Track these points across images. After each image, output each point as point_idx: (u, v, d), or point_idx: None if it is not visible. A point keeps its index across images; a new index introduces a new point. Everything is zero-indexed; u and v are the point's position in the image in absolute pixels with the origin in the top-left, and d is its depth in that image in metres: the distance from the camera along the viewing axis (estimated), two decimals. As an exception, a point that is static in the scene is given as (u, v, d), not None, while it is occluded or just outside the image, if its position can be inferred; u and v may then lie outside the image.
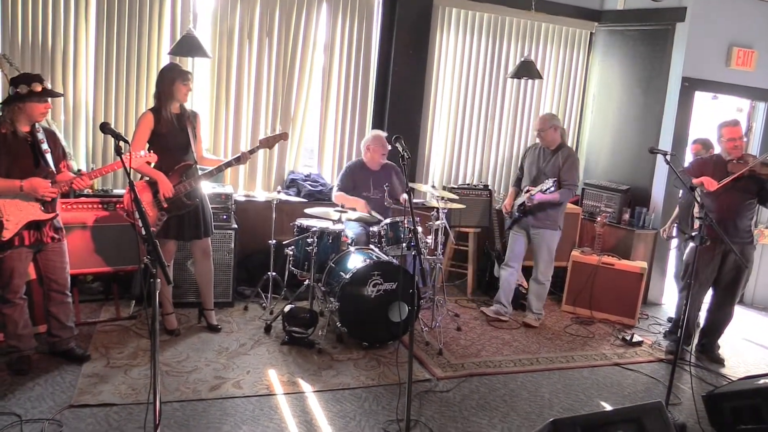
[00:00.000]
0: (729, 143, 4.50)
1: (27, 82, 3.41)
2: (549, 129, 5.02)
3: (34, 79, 3.43)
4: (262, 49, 5.53)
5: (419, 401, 3.76)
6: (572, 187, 5.02)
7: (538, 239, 5.13)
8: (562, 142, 5.10)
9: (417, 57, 6.00)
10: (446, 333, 4.87)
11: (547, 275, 5.21)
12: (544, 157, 5.11)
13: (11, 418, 3.16)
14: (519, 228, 5.25)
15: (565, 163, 4.99)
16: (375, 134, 5.27)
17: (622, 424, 2.63)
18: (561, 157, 5.01)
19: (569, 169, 4.98)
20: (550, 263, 5.19)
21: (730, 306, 4.76)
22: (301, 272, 4.70)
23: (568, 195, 5.04)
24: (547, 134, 5.04)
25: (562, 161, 4.99)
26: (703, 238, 3.64)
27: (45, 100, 3.51)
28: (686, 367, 4.56)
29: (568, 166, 4.98)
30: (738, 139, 4.48)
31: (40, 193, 3.46)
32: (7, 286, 3.57)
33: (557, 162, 5.01)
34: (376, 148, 5.17)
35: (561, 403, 3.93)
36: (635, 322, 5.45)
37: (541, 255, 5.15)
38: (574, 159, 5.05)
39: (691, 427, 3.69)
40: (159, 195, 4.07)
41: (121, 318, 4.58)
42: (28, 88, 3.39)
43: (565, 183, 4.97)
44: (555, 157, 5.04)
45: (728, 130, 4.53)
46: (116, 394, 3.51)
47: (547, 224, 5.08)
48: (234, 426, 3.30)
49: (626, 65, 6.38)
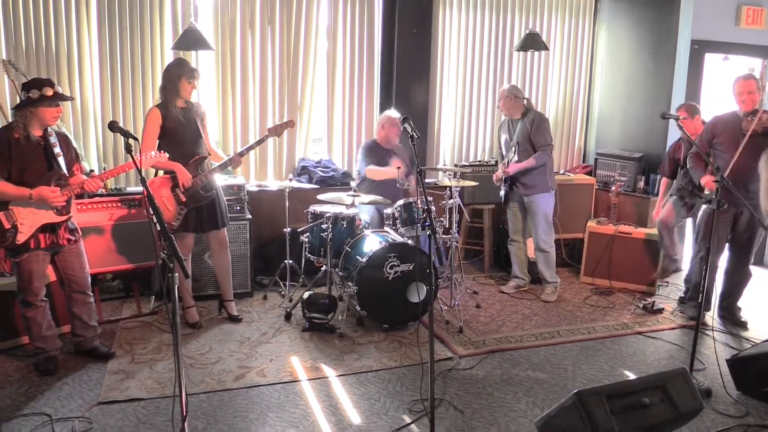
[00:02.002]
0: (737, 97, 4.43)
1: (38, 86, 3.42)
2: (507, 98, 5.09)
3: (45, 83, 3.44)
4: (264, 38, 5.51)
5: (443, 380, 3.77)
6: (545, 147, 5.03)
7: (533, 206, 5.14)
8: (526, 109, 5.14)
9: (421, 36, 5.95)
10: (466, 311, 4.87)
11: (549, 242, 5.20)
12: (513, 127, 5.19)
13: (42, 418, 3.21)
14: (513, 202, 5.32)
15: (532, 126, 5.04)
16: (388, 114, 5.30)
17: (646, 392, 2.62)
18: (528, 122, 5.06)
19: (537, 131, 5.03)
20: (549, 228, 5.19)
21: (746, 266, 4.71)
22: (318, 258, 4.72)
23: (543, 157, 5.03)
24: (505, 103, 5.11)
25: (529, 126, 5.05)
26: (720, 202, 3.59)
27: (57, 104, 3.51)
28: (709, 332, 4.53)
29: (535, 129, 5.03)
30: (746, 93, 4.37)
31: (49, 202, 3.49)
32: (28, 289, 3.61)
33: (525, 128, 5.06)
34: (390, 128, 5.20)
35: (584, 374, 3.92)
36: (655, 289, 5.41)
37: (538, 221, 5.15)
38: (540, 120, 5.06)
39: (716, 391, 3.67)
40: (177, 189, 4.10)
41: (142, 314, 4.63)
42: (39, 93, 3.40)
43: (537, 146, 5.03)
44: (522, 123, 5.09)
45: (737, 84, 4.44)
46: (143, 388, 3.55)
47: (538, 189, 5.10)
48: (260, 414, 3.34)
49: (633, 31, 6.29)
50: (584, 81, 6.81)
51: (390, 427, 3.24)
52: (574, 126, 6.89)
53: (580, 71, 6.77)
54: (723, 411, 3.46)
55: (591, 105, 6.88)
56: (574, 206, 5.97)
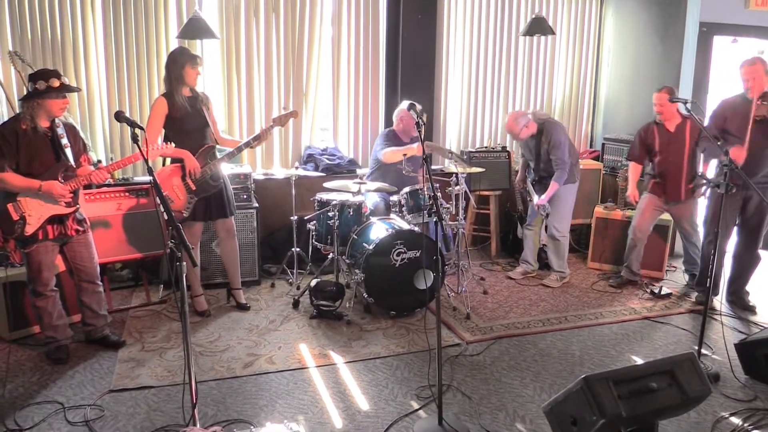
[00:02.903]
0: (745, 83, 4.40)
1: (45, 77, 3.41)
2: (522, 129, 5.07)
3: (52, 74, 3.44)
4: (269, 26, 5.49)
5: (450, 366, 3.79)
6: (563, 164, 4.98)
7: (558, 194, 5.10)
8: (539, 128, 5.09)
9: (426, 20, 5.92)
10: (473, 297, 4.88)
11: (562, 231, 5.19)
12: (532, 144, 5.18)
13: (54, 406, 3.25)
14: (541, 191, 5.24)
15: (549, 144, 5.02)
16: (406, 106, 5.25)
17: (654, 377, 2.62)
18: (545, 141, 5.04)
19: (553, 149, 5.00)
20: (567, 218, 5.18)
21: (755, 250, 4.69)
22: (325, 246, 4.73)
23: (564, 174, 5.00)
24: (521, 134, 5.10)
25: (546, 145, 5.03)
26: (729, 185, 3.57)
27: (63, 95, 3.51)
28: (717, 317, 4.53)
29: (552, 147, 5.01)
30: (752, 79, 4.34)
31: (55, 196, 3.51)
32: (37, 279, 3.64)
33: (544, 147, 5.06)
34: (409, 120, 5.13)
35: (592, 359, 3.93)
36: (663, 274, 5.40)
37: (557, 209, 5.14)
38: (555, 137, 5.00)
39: (724, 376, 3.67)
40: (187, 178, 4.11)
41: (151, 303, 4.67)
42: (46, 84, 3.40)
43: (555, 165, 5.01)
44: (540, 141, 5.09)
45: (743, 70, 4.42)
46: (153, 376, 3.59)
47: (564, 180, 5.07)
48: (270, 401, 3.36)
49: (641, 14, 6.22)
50: (591, 65, 6.76)
51: (398, 413, 3.26)
52: (581, 111, 6.84)
53: (587, 55, 6.72)
54: (731, 395, 3.47)
55: (598, 89, 6.83)
56: (581, 192, 5.91)
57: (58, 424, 3.11)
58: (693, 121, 4.81)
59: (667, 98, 4.72)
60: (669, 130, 4.89)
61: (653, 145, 4.96)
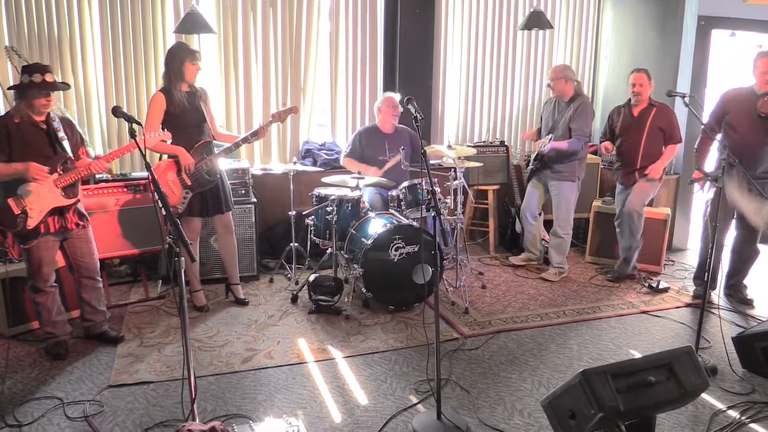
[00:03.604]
0: (762, 76, 4.27)
1: (30, 72, 3.38)
2: (560, 80, 5.00)
3: (37, 69, 3.39)
4: (266, 20, 5.48)
5: (449, 360, 3.80)
6: (581, 137, 4.94)
7: (557, 192, 5.10)
8: (576, 94, 5.04)
9: (424, 15, 5.90)
10: (471, 292, 4.89)
11: (566, 229, 5.18)
12: (558, 109, 5.11)
13: (53, 402, 3.26)
14: (537, 181, 5.27)
15: (575, 112, 4.96)
16: (385, 96, 5.26)
17: (652, 371, 2.63)
18: (573, 108, 4.97)
19: (578, 117, 4.94)
20: (569, 217, 5.17)
21: (754, 243, 4.70)
22: (323, 241, 4.73)
23: (578, 144, 4.95)
24: (557, 84, 5.02)
25: (573, 111, 4.96)
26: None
27: (46, 93, 3.44)
28: (715, 311, 4.54)
29: (576, 115, 4.95)
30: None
31: (30, 174, 3.41)
32: (37, 275, 3.64)
33: (568, 114, 4.99)
34: (386, 110, 5.16)
35: (590, 353, 3.94)
36: (661, 268, 5.41)
37: (559, 208, 5.13)
38: (584, 108, 4.97)
39: (722, 369, 3.68)
40: (182, 173, 4.11)
41: (150, 298, 4.67)
42: (29, 79, 3.37)
43: (574, 133, 4.94)
44: (568, 108, 5.00)
45: (762, 62, 4.27)
46: (152, 372, 3.59)
47: (566, 176, 5.05)
48: (268, 395, 3.37)
49: (639, 7, 6.21)
50: (589, 59, 6.75)
51: (397, 407, 3.27)
52: (580, 105, 6.83)
53: (585, 49, 6.71)
54: (729, 389, 3.48)
55: (596, 83, 6.82)
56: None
57: (58, 419, 3.11)
58: (659, 110, 4.86)
59: (647, 79, 4.79)
60: (633, 114, 4.95)
61: (615, 128, 5.06)
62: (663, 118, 4.87)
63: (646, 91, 4.85)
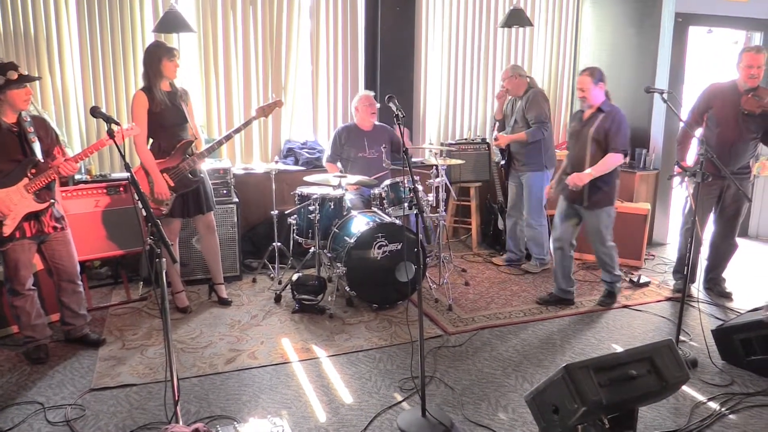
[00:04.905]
0: (746, 70, 4.26)
1: (2, 71, 3.35)
2: (511, 78, 5.14)
3: (9, 67, 3.37)
4: (246, 18, 5.44)
5: (433, 357, 3.80)
6: (539, 124, 5.02)
7: (526, 183, 5.18)
8: (528, 87, 5.16)
9: (404, 13, 5.90)
10: (455, 289, 4.90)
11: (538, 219, 5.22)
12: (514, 104, 5.24)
13: (34, 407, 3.22)
14: (513, 178, 5.37)
15: (526, 103, 5.06)
16: (361, 94, 5.27)
17: (634, 364, 2.66)
18: (524, 99, 5.09)
19: (530, 108, 5.04)
20: (539, 206, 5.20)
21: (732, 237, 4.76)
22: (306, 240, 4.72)
23: (537, 133, 5.03)
24: (509, 83, 5.16)
25: (524, 103, 5.08)
26: (704, 174, 3.61)
27: (24, 86, 3.43)
28: (694, 304, 4.59)
29: (529, 105, 5.05)
30: (756, 67, 4.22)
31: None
32: (14, 278, 3.58)
33: (522, 104, 5.11)
34: (364, 108, 5.17)
35: (573, 348, 3.97)
36: (642, 263, 5.47)
37: (527, 198, 5.19)
38: (534, 97, 5.06)
39: (702, 361, 3.73)
40: (165, 174, 4.07)
41: (131, 300, 4.62)
42: (4, 78, 3.34)
43: (531, 122, 5.05)
44: (521, 101, 5.13)
45: (748, 56, 4.25)
46: (134, 374, 3.56)
47: (531, 167, 5.14)
48: (253, 396, 3.35)
49: (617, 4, 6.27)
50: (569, 56, 6.80)
51: (381, 405, 3.27)
52: (560, 102, 6.89)
53: (564, 46, 6.76)
54: (709, 381, 3.53)
55: (576, 80, 6.85)
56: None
57: (39, 424, 3.07)
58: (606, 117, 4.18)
59: (591, 81, 4.16)
60: (583, 118, 4.36)
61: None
62: (603, 125, 4.19)
63: (592, 95, 4.20)
